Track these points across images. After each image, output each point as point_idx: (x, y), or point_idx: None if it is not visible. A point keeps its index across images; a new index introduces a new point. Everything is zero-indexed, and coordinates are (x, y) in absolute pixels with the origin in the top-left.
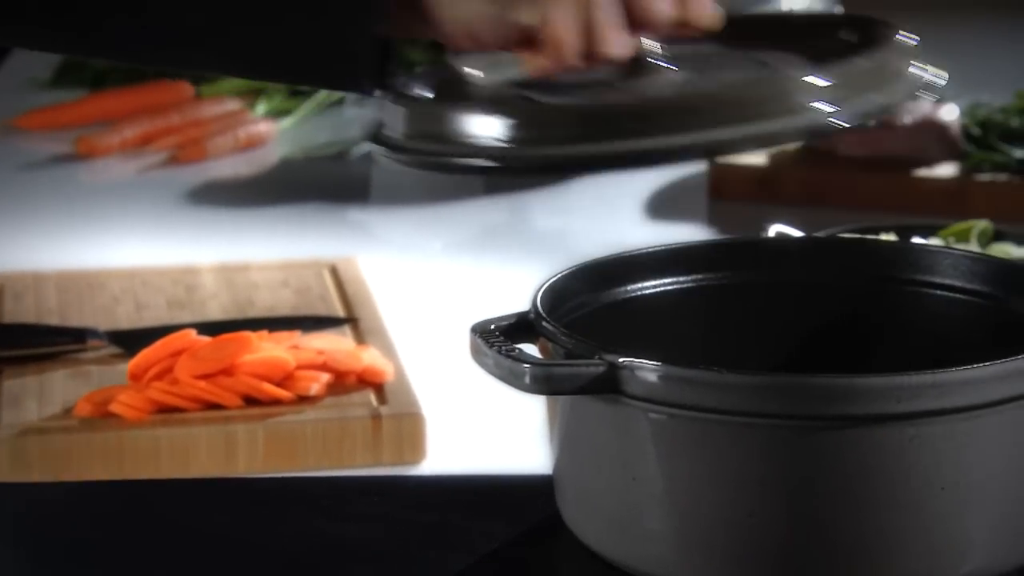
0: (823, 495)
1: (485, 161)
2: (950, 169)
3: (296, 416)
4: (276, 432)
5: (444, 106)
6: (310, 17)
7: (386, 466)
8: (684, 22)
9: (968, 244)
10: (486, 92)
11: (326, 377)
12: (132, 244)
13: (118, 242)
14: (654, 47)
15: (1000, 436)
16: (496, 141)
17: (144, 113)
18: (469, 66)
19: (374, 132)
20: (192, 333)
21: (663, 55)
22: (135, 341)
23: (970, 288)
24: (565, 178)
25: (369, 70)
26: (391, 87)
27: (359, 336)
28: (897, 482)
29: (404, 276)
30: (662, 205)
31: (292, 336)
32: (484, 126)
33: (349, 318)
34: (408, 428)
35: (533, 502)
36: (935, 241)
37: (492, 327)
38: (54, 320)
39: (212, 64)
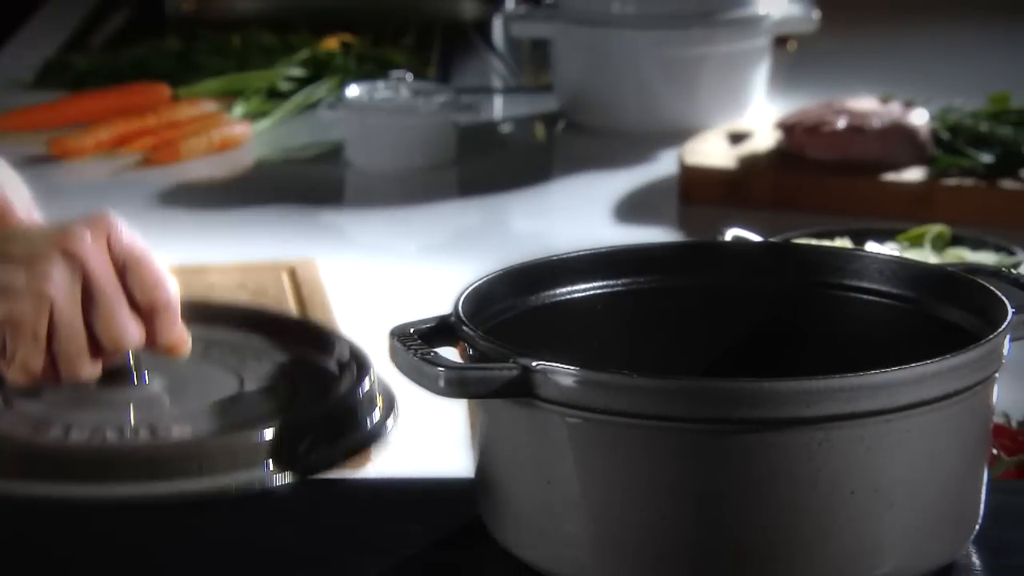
0: (733, 498)
1: None
2: (918, 173)
3: None
4: None
5: None
6: None
7: None
8: (153, 347)
9: (922, 249)
10: None
11: None
12: None
13: None
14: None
15: (909, 441)
16: None
17: (120, 115)
18: None
19: None
20: None
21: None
22: None
23: (895, 293)
24: None
25: None
26: None
27: None
28: (807, 486)
29: (374, 279)
30: (633, 208)
31: None
32: None
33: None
34: None
35: (457, 505)
36: (892, 245)
37: (411, 330)
38: None
39: None
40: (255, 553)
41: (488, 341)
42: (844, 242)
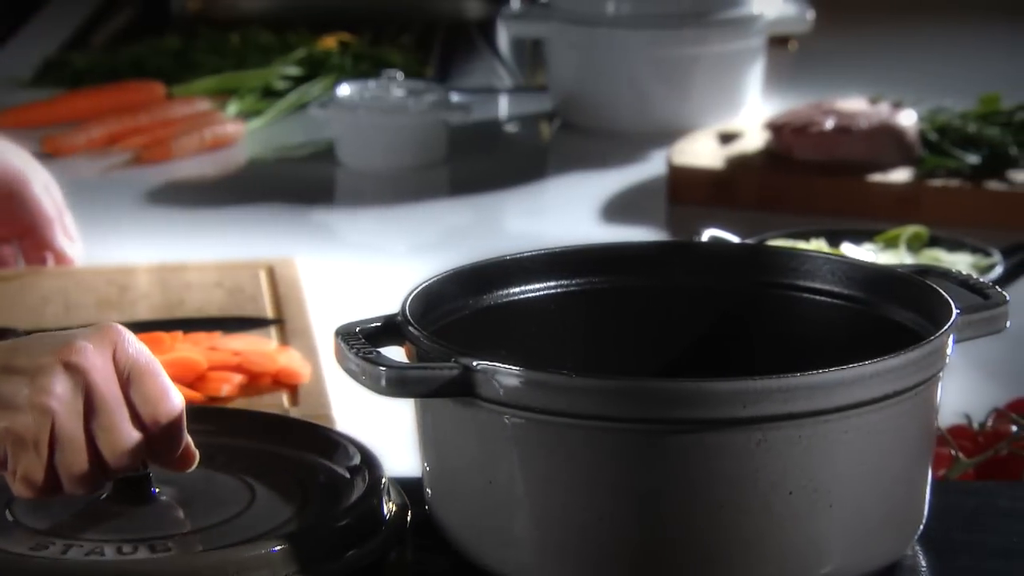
0: (672, 498)
1: None
2: (904, 174)
3: None
4: None
5: None
6: None
7: None
8: (158, 462)
9: (897, 250)
10: None
11: (239, 378)
12: (90, 243)
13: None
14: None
15: (848, 441)
16: None
17: (114, 113)
18: None
19: None
20: None
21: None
22: None
23: (847, 294)
24: None
25: None
26: None
27: (284, 337)
28: (745, 486)
29: (364, 277)
30: (622, 208)
31: (212, 337)
32: None
33: (274, 319)
34: None
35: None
36: (869, 246)
37: (356, 330)
38: None
39: None
40: None
41: (431, 340)
42: (820, 243)
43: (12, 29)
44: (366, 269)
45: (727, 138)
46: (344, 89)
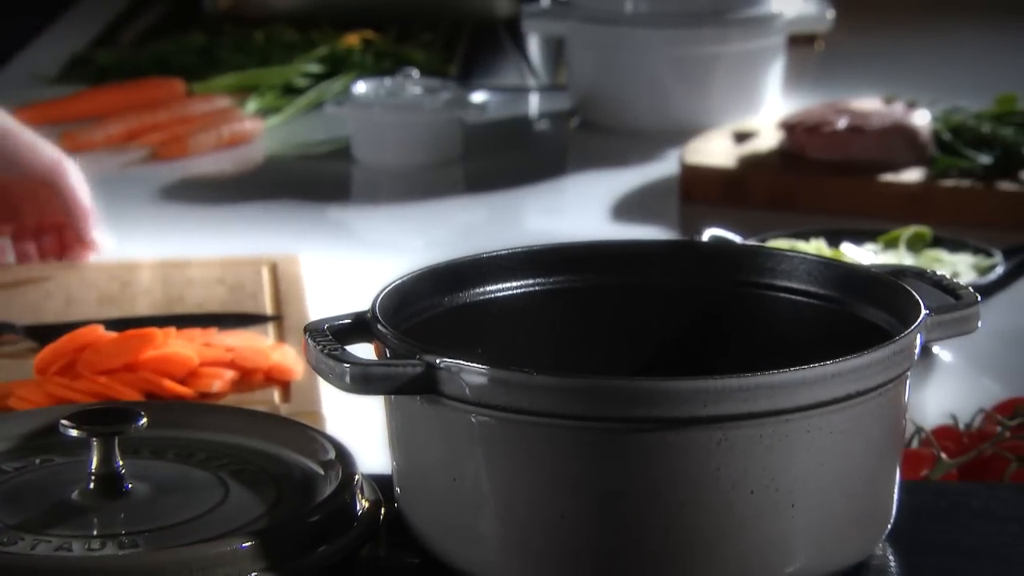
0: (634, 497)
1: None
2: (916, 174)
3: None
4: None
5: None
6: None
7: None
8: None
9: (897, 250)
10: None
11: (231, 374)
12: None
13: None
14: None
15: (810, 440)
16: None
17: (134, 109)
18: None
19: None
20: (100, 328)
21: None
22: (51, 336)
23: (822, 293)
24: None
25: None
26: None
27: (281, 334)
28: (706, 485)
29: (375, 274)
30: (636, 206)
31: (207, 333)
32: None
33: (273, 316)
34: None
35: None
36: (870, 247)
37: (324, 327)
38: None
39: None
40: None
41: (396, 338)
42: (820, 243)
43: (41, 26)
44: (380, 266)
45: (742, 137)
46: (360, 86)
